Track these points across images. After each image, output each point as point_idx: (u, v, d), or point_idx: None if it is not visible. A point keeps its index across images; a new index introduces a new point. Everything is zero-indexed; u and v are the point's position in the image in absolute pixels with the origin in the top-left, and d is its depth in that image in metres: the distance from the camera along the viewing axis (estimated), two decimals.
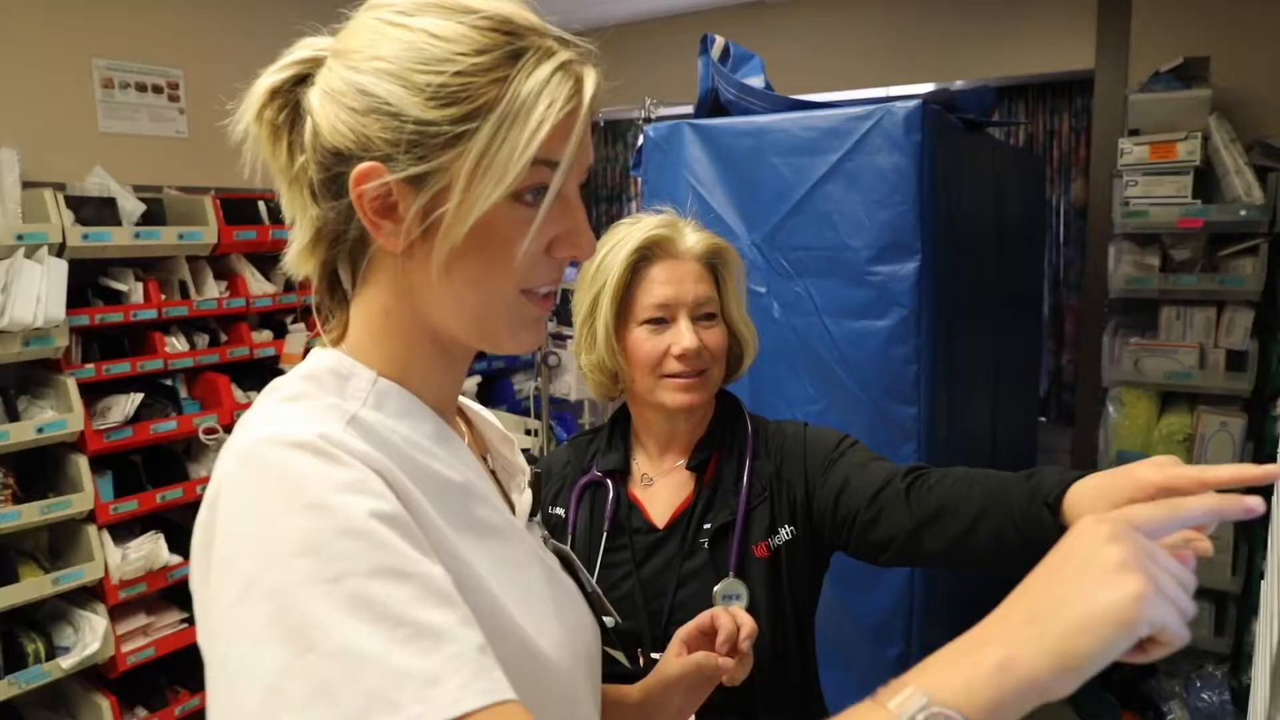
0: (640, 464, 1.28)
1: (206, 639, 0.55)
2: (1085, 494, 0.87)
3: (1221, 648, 2.79)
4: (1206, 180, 2.79)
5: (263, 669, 0.48)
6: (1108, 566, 0.49)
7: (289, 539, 0.51)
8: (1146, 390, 2.93)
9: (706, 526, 1.19)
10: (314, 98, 0.63)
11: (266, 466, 0.55)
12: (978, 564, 1.02)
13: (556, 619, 0.70)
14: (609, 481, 1.26)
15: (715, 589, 1.16)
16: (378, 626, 0.49)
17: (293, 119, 0.65)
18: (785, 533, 1.19)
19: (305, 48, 0.66)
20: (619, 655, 0.97)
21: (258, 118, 0.65)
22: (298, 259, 0.68)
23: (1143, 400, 2.93)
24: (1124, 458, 2.88)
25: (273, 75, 0.65)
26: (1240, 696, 2.70)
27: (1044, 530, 0.90)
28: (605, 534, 1.22)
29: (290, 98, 0.65)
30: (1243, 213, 2.65)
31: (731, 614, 0.92)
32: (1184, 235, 2.84)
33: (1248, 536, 2.70)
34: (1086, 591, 0.49)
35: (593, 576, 0.98)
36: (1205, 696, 2.72)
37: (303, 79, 0.65)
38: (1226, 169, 2.71)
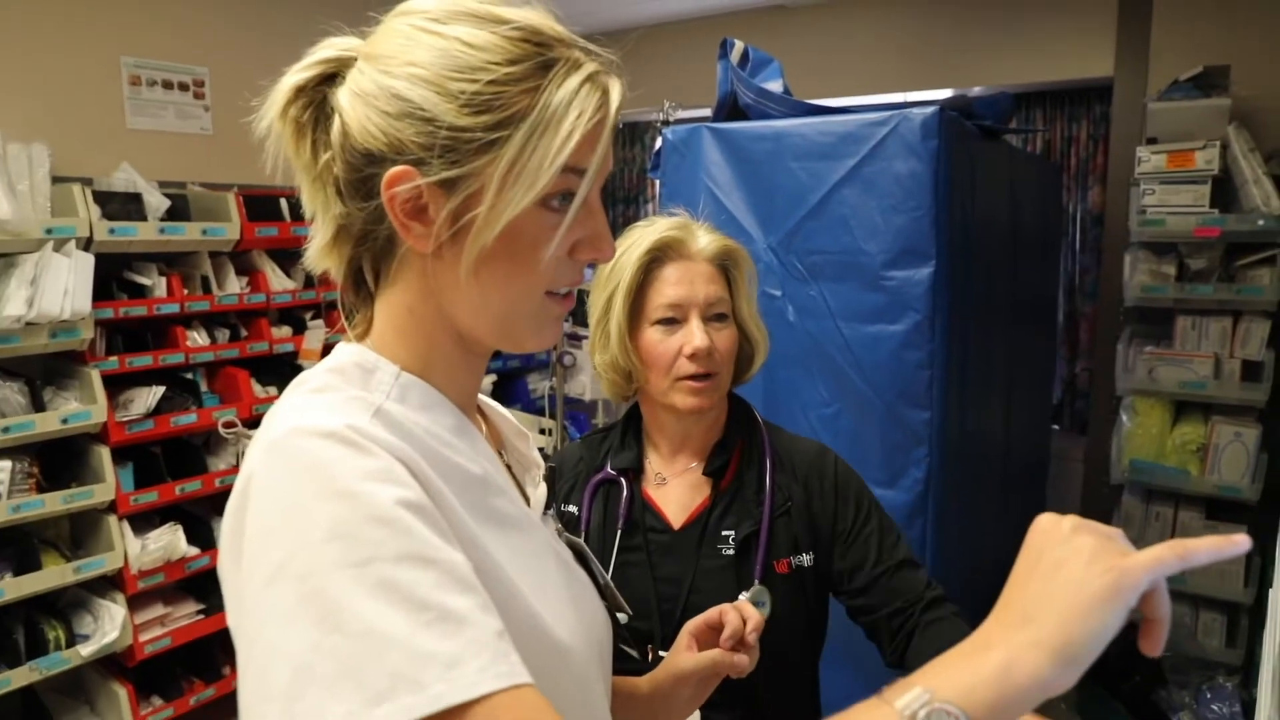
0: (653, 463, 1.29)
1: (237, 621, 0.57)
2: None
3: (1233, 659, 2.78)
4: (1224, 189, 2.78)
5: (292, 648, 0.50)
6: (1083, 554, 0.52)
7: (319, 525, 0.53)
8: (1160, 399, 2.92)
9: (728, 534, 1.21)
10: (343, 98, 0.65)
11: (297, 455, 0.56)
12: None
13: (572, 608, 0.71)
14: (623, 480, 1.27)
15: (742, 596, 1.15)
16: (403, 610, 0.51)
17: (317, 117, 0.67)
18: (807, 559, 1.22)
19: (330, 47, 0.67)
20: (629, 650, 0.99)
21: (282, 115, 0.66)
22: (319, 254, 0.70)
23: (1156, 409, 2.92)
24: (1137, 467, 2.88)
25: (298, 73, 0.66)
26: (1251, 708, 2.68)
27: None
28: (620, 531, 1.24)
29: (315, 96, 0.66)
30: (1261, 222, 2.64)
31: (738, 609, 0.94)
32: (1201, 244, 2.83)
33: (1260, 548, 2.69)
34: (1071, 583, 0.51)
35: (607, 572, 0.99)
36: (1215, 708, 2.70)
37: (328, 78, 0.66)
38: (1245, 178, 2.70)
